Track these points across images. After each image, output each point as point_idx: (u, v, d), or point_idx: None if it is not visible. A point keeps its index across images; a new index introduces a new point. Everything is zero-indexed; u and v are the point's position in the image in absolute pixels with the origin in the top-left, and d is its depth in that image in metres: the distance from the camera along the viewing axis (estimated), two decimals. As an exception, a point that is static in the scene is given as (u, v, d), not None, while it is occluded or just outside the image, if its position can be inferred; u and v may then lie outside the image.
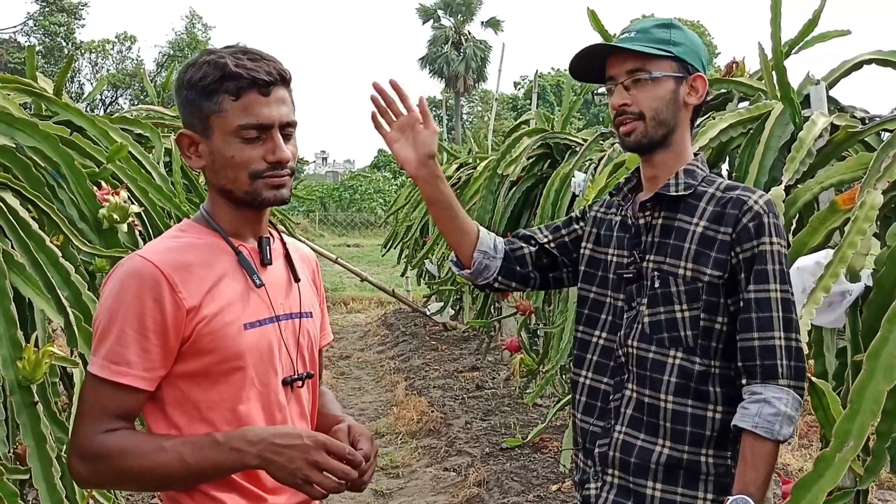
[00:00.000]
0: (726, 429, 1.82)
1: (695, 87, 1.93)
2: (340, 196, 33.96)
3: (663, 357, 1.87)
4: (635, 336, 1.91)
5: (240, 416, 1.61)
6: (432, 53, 51.11)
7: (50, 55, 38.52)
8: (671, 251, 1.89)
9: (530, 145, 5.26)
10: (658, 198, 1.93)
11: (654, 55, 1.88)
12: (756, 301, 1.80)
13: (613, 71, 1.93)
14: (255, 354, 1.61)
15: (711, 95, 3.37)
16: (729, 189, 1.89)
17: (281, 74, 1.61)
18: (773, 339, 1.77)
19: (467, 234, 2.11)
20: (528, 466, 5.17)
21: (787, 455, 5.24)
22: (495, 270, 2.14)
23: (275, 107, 1.59)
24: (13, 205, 2.42)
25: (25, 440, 2.14)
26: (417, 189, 10.66)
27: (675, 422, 1.85)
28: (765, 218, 1.82)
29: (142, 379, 1.54)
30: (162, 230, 3.07)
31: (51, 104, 3.22)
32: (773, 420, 1.73)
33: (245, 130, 1.57)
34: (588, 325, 2.05)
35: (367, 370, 8.88)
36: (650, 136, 1.91)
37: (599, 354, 2.00)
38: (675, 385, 1.85)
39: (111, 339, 1.53)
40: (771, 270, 1.80)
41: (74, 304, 2.41)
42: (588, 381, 2.01)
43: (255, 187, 1.60)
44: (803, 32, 3.13)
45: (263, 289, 1.65)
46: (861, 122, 2.79)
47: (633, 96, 1.90)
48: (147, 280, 1.53)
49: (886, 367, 1.67)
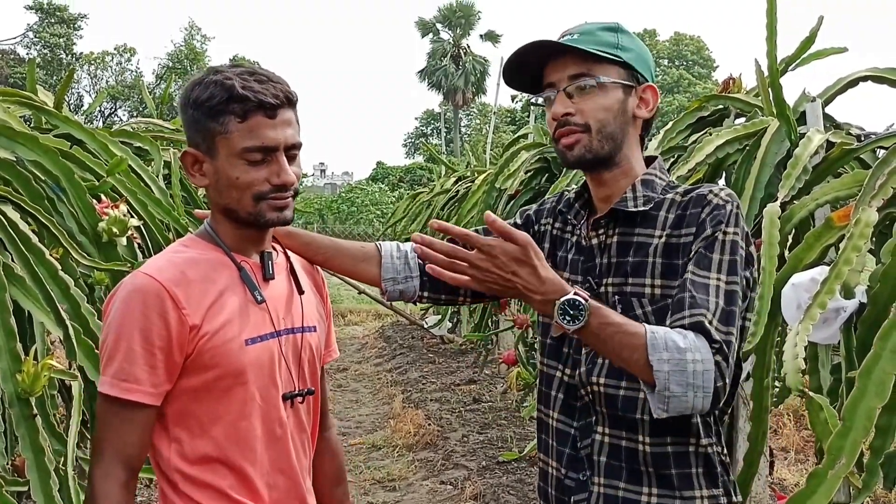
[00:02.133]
0: (711, 463, 1.63)
1: (645, 98, 1.72)
2: (338, 208, 33.99)
3: (634, 393, 1.61)
4: (600, 372, 1.66)
5: (241, 431, 1.62)
6: (431, 66, 51.28)
7: (49, 66, 38.63)
8: (633, 269, 1.64)
9: (528, 159, 5.27)
10: (613, 213, 1.70)
11: (599, 58, 1.66)
12: (692, 283, 1.53)
13: (554, 76, 1.70)
14: (256, 370, 1.63)
15: (709, 111, 3.39)
16: (688, 192, 1.67)
17: (287, 97, 1.62)
18: (703, 316, 1.49)
19: (363, 260, 1.92)
20: (525, 480, 5.16)
21: (783, 470, 5.24)
22: (415, 289, 1.91)
23: (280, 129, 1.60)
24: (13, 218, 2.43)
25: (24, 452, 2.14)
26: (416, 202, 10.64)
27: (657, 466, 1.61)
28: (726, 207, 1.58)
29: (149, 395, 1.56)
30: (161, 243, 3.09)
31: (51, 117, 3.23)
32: (671, 350, 1.43)
33: (250, 153, 1.58)
34: (552, 358, 1.79)
35: (364, 383, 8.87)
36: (595, 151, 1.67)
37: (565, 393, 1.74)
38: (650, 424, 1.60)
39: (119, 356, 1.55)
40: (717, 259, 1.55)
41: (74, 317, 2.42)
42: (554, 422, 1.76)
43: (258, 209, 1.61)
44: (800, 50, 3.16)
45: (265, 304, 1.66)
46: (857, 140, 2.81)
47: (576, 104, 1.66)
48: (151, 297, 1.55)
49: (878, 385, 1.67)
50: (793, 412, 6.08)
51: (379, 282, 1.91)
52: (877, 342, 1.72)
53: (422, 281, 1.91)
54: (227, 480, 1.62)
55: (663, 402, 1.46)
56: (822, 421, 1.98)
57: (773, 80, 2.87)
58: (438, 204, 8.65)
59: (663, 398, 1.45)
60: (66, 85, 3.66)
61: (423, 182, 30.33)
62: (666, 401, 1.45)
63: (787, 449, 5.72)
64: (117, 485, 1.55)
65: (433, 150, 16.40)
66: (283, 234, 1.86)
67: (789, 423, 6.02)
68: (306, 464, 1.78)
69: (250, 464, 1.63)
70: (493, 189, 5.47)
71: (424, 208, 9.50)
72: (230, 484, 1.62)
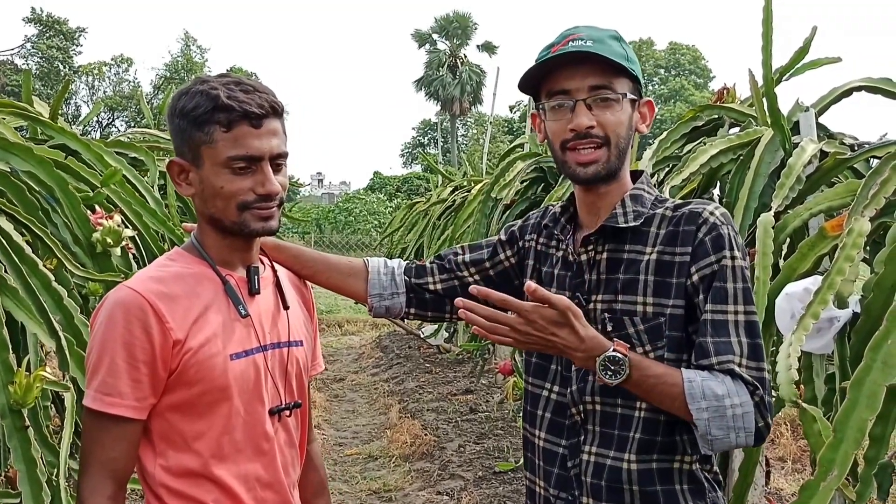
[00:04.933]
0: (696, 479, 1.63)
1: (643, 113, 1.71)
2: (336, 218, 33.94)
3: (630, 411, 1.62)
4: (594, 390, 1.64)
5: (225, 446, 1.62)
6: (428, 76, 51.38)
7: (47, 78, 38.66)
8: (623, 287, 1.63)
9: (524, 169, 5.29)
10: (603, 230, 1.67)
11: (617, 71, 1.62)
12: (713, 324, 1.53)
13: (569, 84, 1.63)
14: (241, 384, 1.62)
15: (703, 121, 3.40)
16: (679, 206, 1.64)
17: (273, 107, 1.61)
18: (731, 363, 1.51)
19: (350, 276, 1.94)
20: (521, 490, 5.15)
21: (780, 480, 5.23)
22: (402, 306, 1.93)
23: (265, 139, 1.59)
24: (6, 229, 2.43)
25: (16, 464, 2.13)
26: (413, 211, 10.64)
27: (642, 484, 1.61)
28: (723, 229, 1.57)
29: (133, 409, 1.56)
30: (156, 253, 3.08)
31: (46, 128, 3.23)
32: (709, 398, 1.47)
33: (235, 162, 1.58)
34: (537, 377, 1.78)
35: (360, 393, 8.85)
36: (611, 167, 1.64)
37: (553, 412, 1.73)
38: (639, 442, 1.60)
39: (103, 370, 1.55)
40: (731, 289, 1.54)
41: (67, 328, 2.41)
42: (542, 442, 1.75)
43: (243, 218, 1.61)
44: (794, 59, 3.17)
45: (249, 318, 1.66)
46: (850, 149, 2.82)
47: (596, 117, 1.61)
48: (134, 310, 1.55)
49: (870, 396, 1.67)
50: (790, 422, 6.07)
51: (365, 297, 1.93)
52: (868, 353, 1.71)
53: (408, 297, 1.92)
54: (212, 495, 1.61)
55: (707, 444, 1.52)
56: (815, 432, 1.98)
57: (767, 89, 2.88)
58: (435, 214, 8.67)
59: (706, 440, 1.51)
60: (61, 95, 3.67)
61: (420, 192, 30.35)
62: (710, 442, 1.51)
63: (784, 459, 5.71)
64: (104, 498, 1.55)
65: (430, 160, 16.44)
66: (272, 246, 1.86)
67: (786, 432, 6.02)
68: (294, 478, 1.77)
69: (235, 478, 1.63)
70: (489, 199, 5.49)
71: (421, 218, 9.52)
72: (215, 498, 1.61)
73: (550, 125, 1.68)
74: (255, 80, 1.65)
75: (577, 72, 1.62)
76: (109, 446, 1.56)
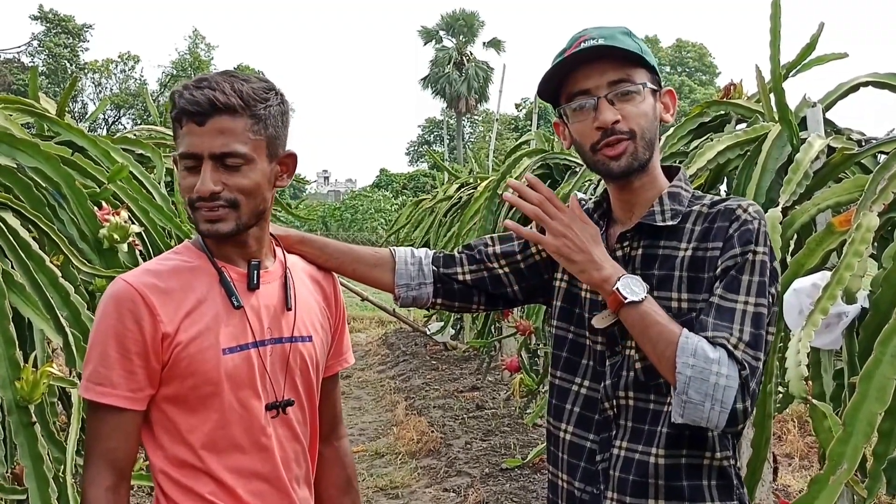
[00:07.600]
0: (727, 475, 1.62)
1: (665, 103, 1.71)
2: (342, 215, 33.99)
3: (661, 406, 1.60)
4: (628, 385, 1.64)
5: (219, 441, 1.62)
6: (434, 74, 51.31)
7: (54, 75, 38.73)
8: (658, 283, 1.62)
9: (530, 166, 5.29)
10: (640, 227, 1.67)
11: (634, 63, 1.64)
12: (718, 307, 1.53)
13: (588, 83, 1.63)
14: (234, 379, 1.62)
15: (710, 117, 3.39)
16: (715, 203, 1.65)
17: (225, 104, 1.55)
18: (725, 339, 1.50)
19: (376, 266, 1.92)
20: (528, 487, 5.15)
21: (787, 476, 5.22)
22: (429, 296, 1.90)
23: (207, 137, 1.56)
24: (13, 225, 2.44)
25: (23, 460, 2.14)
26: (419, 209, 10.64)
27: (669, 478, 1.59)
28: (753, 224, 1.57)
29: (126, 399, 1.57)
30: (162, 250, 3.08)
31: (53, 124, 3.24)
32: (698, 357, 1.46)
33: (182, 159, 1.59)
34: (567, 371, 1.76)
35: (367, 390, 8.86)
36: (640, 159, 1.64)
37: (582, 406, 1.72)
38: (667, 436, 1.59)
39: (95, 360, 1.58)
40: (746, 281, 1.54)
41: (73, 324, 2.42)
42: (568, 436, 1.73)
43: (195, 217, 1.61)
44: (801, 55, 3.15)
45: (244, 313, 1.65)
46: (857, 145, 2.80)
47: (620, 111, 1.62)
48: (125, 302, 1.57)
49: (879, 390, 1.67)
50: (797, 418, 6.06)
51: (393, 287, 1.91)
52: (877, 347, 1.71)
53: (435, 288, 1.90)
54: (208, 487, 1.62)
55: (680, 407, 1.49)
56: (825, 428, 1.97)
57: (775, 84, 2.87)
58: (441, 211, 8.66)
59: (681, 402, 1.49)
60: (68, 92, 3.67)
61: (426, 189, 30.34)
62: (682, 405, 1.49)
63: (791, 455, 5.70)
64: (103, 488, 1.57)
65: (437, 158, 16.43)
66: (297, 239, 1.86)
67: (793, 428, 6.01)
68: (299, 473, 1.75)
69: (229, 472, 1.63)
70: (495, 196, 5.48)
71: (427, 215, 9.51)
72: (211, 490, 1.62)
73: (575, 127, 1.68)
74: (247, 75, 1.64)
75: (593, 70, 1.63)
76: (107, 436, 1.58)
